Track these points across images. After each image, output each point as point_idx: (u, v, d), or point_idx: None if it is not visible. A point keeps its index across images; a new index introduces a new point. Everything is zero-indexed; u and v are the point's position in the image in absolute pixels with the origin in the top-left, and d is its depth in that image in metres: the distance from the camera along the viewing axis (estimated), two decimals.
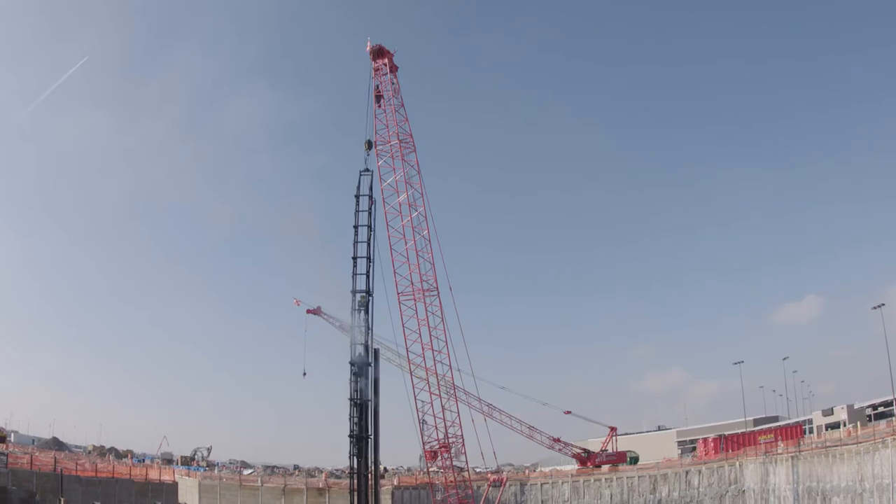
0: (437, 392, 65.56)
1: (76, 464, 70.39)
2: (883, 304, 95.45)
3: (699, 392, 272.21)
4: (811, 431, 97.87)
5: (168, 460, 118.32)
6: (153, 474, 79.61)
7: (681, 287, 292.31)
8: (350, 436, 60.87)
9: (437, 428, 66.57)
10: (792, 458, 70.98)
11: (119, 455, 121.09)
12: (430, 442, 67.70)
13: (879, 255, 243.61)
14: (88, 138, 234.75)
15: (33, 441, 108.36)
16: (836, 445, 62.74)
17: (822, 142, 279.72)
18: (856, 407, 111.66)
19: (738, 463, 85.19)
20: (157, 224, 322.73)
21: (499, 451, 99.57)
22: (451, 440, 67.71)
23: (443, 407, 65.96)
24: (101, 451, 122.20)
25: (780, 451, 77.04)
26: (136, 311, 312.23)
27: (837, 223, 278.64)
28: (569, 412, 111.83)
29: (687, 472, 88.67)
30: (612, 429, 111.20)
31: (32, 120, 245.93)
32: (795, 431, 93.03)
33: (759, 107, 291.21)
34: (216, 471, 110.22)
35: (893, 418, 75.13)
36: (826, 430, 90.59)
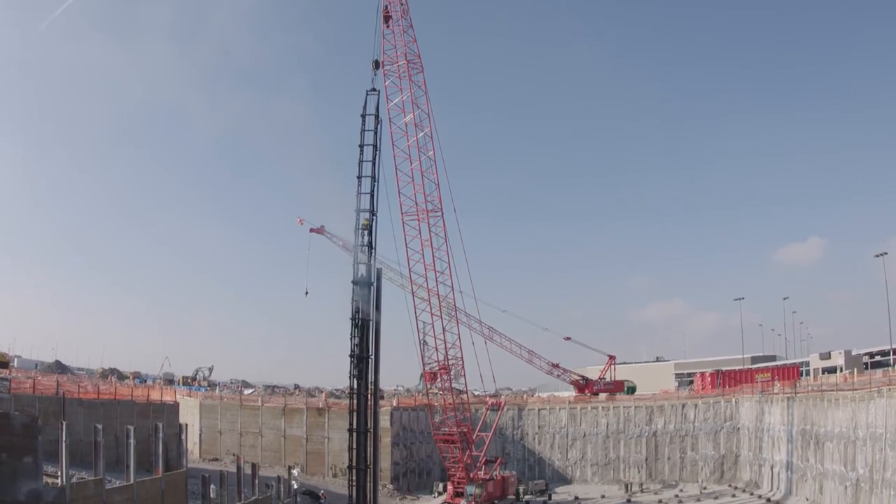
0: (438, 313, 65.93)
1: (78, 387, 71.31)
2: (885, 253, 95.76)
3: (699, 324, 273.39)
4: (808, 374, 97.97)
5: (170, 381, 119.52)
6: (155, 395, 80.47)
7: (684, 220, 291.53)
8: (351, 356, 61.27)
9: (437, 349, 67.04)
10: (788, 399, 70.94)
11: (122, 377, 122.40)
12: (430, 363, 68.24)
13: (884, 205, 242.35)
14: (83, 60, 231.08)
15: (36, 365, 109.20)
16: (832, 390, 62.40)
17: (839, 90, 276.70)
18: (853, 353, 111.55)
19: (734, 399, 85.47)
20: (160, 145, 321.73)
21: (498, 374, 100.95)
22: (451, 362, 68.23)
23: (444, 328, 66.38)
24: (104, 374, 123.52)
25: (776, 391, 77.06)
26: (139, 233, 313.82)
27: (846, 170, 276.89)
28: (568, 338, 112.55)
29: (683, 406, 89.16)
30: (611, 357, 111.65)
31: (30, 48, 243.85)
32: (792, 373, 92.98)
33: (780, 53, 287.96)
34: (217, 391, 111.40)
35: (890, 368, 74.60)
36: (822, 373, 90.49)
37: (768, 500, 70.26)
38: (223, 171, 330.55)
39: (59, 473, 31.99)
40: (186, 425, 49.96)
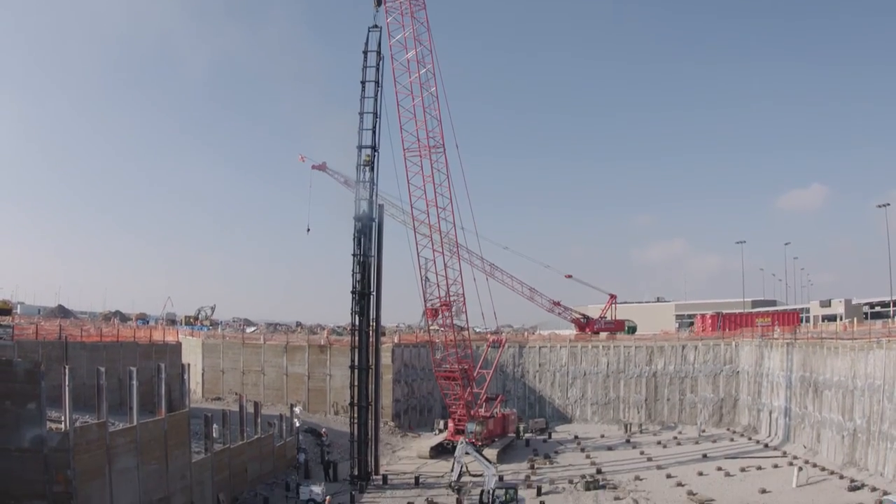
0: (440, 249, 65.73)
1: (81, 330, 71.27)
2: (888, 204, 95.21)
3: (700, 265, 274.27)
4: (807, 321, 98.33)
5: (172, 321, 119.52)
6: (157, 336, 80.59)
7: (688, 162, 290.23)
8: (352, 292, 61.45)
9: (438, 286, 66.96)
10: (787, 344, 71.17)
11: (124, 318, 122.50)
12: (431, 300, 68.22)
13: (888, 156, 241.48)
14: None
15: (39, 311, 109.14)
16: (832, 338, 62.52)
17: (850, 39, 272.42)
18: (853, 302, 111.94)
19: (734, 343, 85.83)
20: (156, 87, 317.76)
21: (499, 312, 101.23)
22: (452, 298, 68.23)
23: (445, 265, 66.20)
24: (107, 316, 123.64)
25: (776, 336, 77.27)
26: (140, 176, 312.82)
27: (852, 120, 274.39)
28: (570, 276, 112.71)
29: (683, 347, 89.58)
30: (612, 296, 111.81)
31: None
32: (792, 318, 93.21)
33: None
34: (219, 329, 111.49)
35: (890, 320, 74.79)
36: (822, 321, 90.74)
37: (766, 445, 71.03)
38: (220, 112, 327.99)
39: (63, 418, 32.07)
40: (189, 365, 50.33)
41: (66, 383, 31.70)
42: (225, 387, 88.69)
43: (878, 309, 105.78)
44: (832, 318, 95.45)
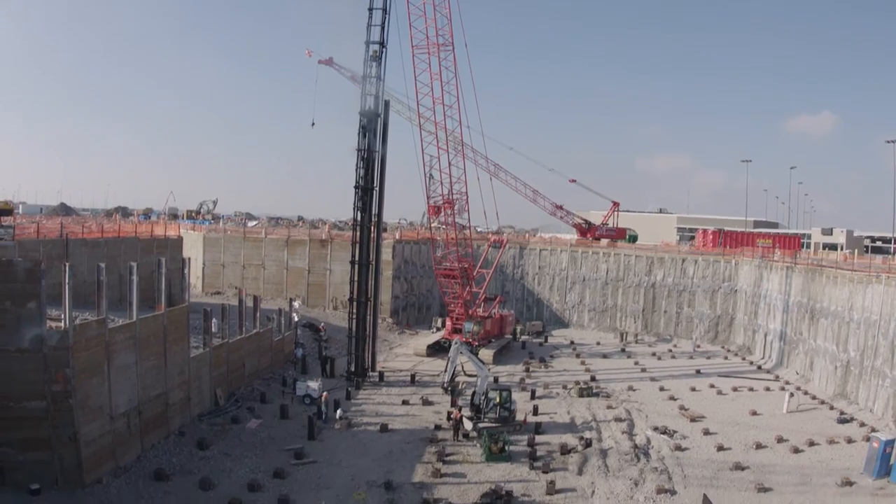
0: (444, 147, 65.24)
1: (83, 227, 70.98)
2: None
3: (704, 181, 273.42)
4: (808, 247, 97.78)
5: (174, 216, 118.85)
6: (158, 231, 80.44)
7: (698, 79, 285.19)
8: (355, 187, 61.23)
9: (442, 183, 66.61)
10: (787, 268, 70.98)
11: (126, 214, 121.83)
12: (434, 197, 67.97)
13: None
14: None
15: (41, 210, 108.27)
16: (832, 267, 62.16)
17: None
18: (855, 234, 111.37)
19: (734, 261, 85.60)
20: None
21: (501, 212, 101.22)
22: (455, 197, 68.02)
23: (449, 162, 65.76)
24: (109, 213, 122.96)
25: (776, 258, 77.01)
26: (139, 72, 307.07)
27: (868, 51, 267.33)
28: (574, 181, 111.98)
29: (683, 260, 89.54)
30: (615, 203, 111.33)
31: None
32: (793, 242, 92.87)
33: None
34: (221, 223, 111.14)
35: (891, 256, 74.45)
36: (823, 248, 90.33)
37: (759, 367, 71.66)
38: (222, 6, 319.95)
39: (63, 316, 32.13)
40: (189, 259, 50.27)
41: (67, 281, 31.57)
42: (225, 281, 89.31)
43: (879, 244, 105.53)
44: (833, 247, 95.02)
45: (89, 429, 33.12)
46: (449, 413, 48.81)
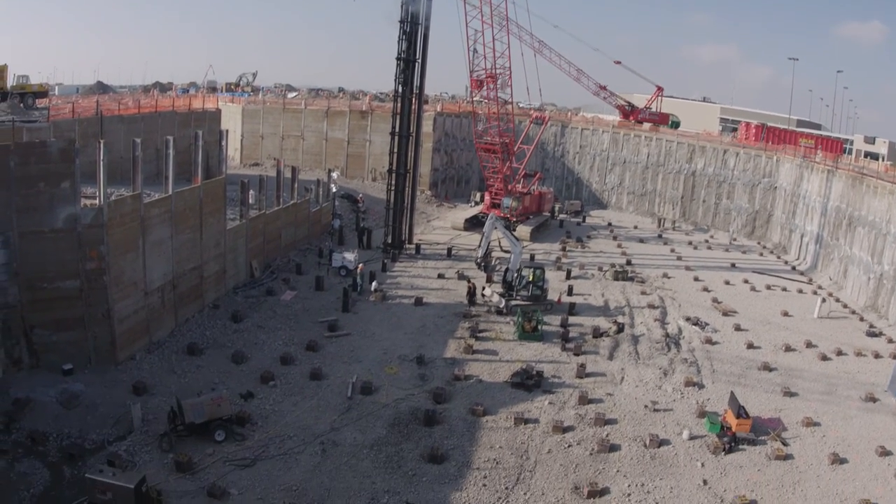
0: (489, 22, 63.69)
1: (119, 104, 69.91)
2: None
3: (749, 75, 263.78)
4: (850, 153, 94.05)
5: (213, 89, 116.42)
6: (197, 104, 79.50)
7: None
8: (397, 59, 60.22)
9: (485, 57, 65.42)
10: (828, 171, 68.52)
11: (164, 89, 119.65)
12: (477, 71, 66.89)
13: None
14: None
15: (77, 90, 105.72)
16: (873, 177, 59.87)
17: None
18: None
19: (775, 157, 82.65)
20: None
21: (544, 90, 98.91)
22: (498, 71, 66.88)
23: (493, 37, 64.37)
24: (146, 88, 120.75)
25: (817, 160, 74.50)
26: None
27: None
28: (619, 62, 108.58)
29: (725, 152, 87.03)
30: (659, 88, 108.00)
31: None
32: (836, 146, 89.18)
33: None
34: (260, 95, 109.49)
35: None
36: (865, 157, 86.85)
37: (793, 267, 70.31)
38: None
39: (97, 194, 32.20)
40: (227, 131, 49.83)
41: (101, 158, 31.33)
42: (263, 152, 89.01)
43: None
44: (875, 157, 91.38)
45: (123, 305, 33.74)
46: (470, 288, 49.27)
